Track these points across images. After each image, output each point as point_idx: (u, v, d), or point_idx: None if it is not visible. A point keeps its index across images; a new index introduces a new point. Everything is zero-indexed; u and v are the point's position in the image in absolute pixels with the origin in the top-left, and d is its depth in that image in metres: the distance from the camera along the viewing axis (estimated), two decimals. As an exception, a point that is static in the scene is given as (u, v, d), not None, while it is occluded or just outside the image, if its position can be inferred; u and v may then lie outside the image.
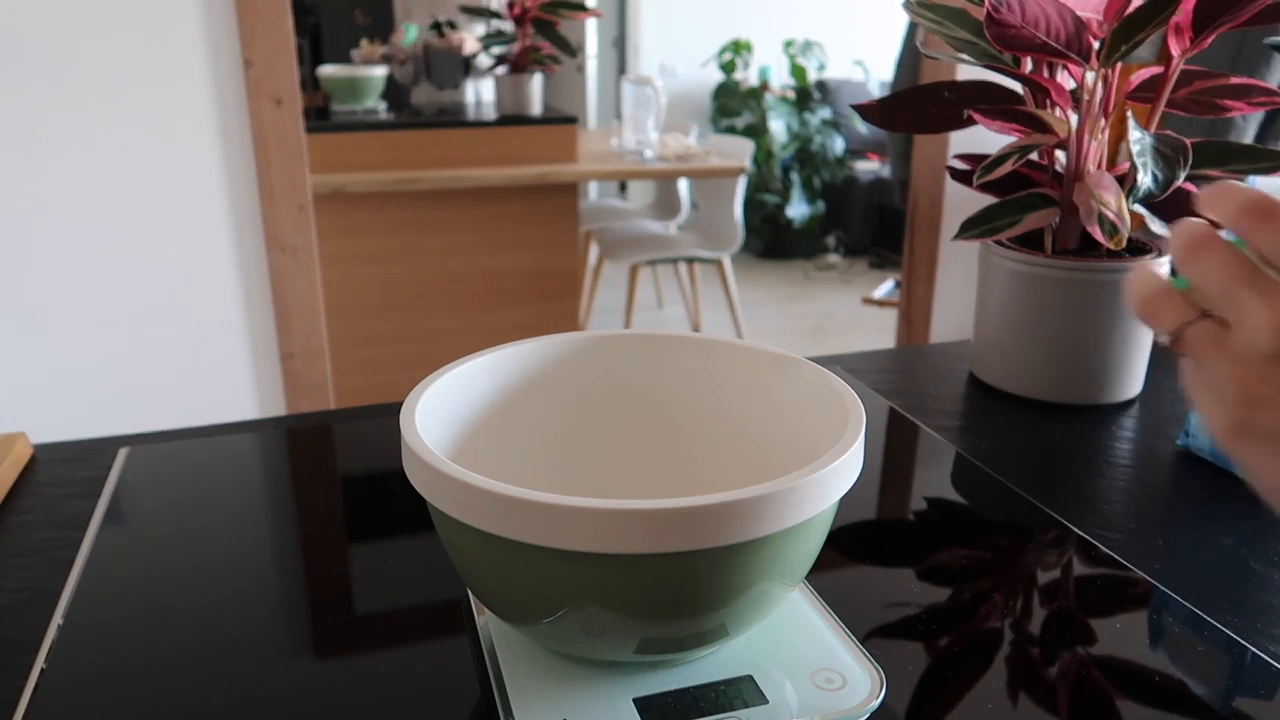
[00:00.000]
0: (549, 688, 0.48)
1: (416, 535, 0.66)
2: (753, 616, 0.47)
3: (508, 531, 0.41)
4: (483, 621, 0.53)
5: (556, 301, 2.71)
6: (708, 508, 0.40)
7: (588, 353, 0.60)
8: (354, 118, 2.69)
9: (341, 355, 2.00)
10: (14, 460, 0.73)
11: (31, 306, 1.53)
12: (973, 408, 0.88)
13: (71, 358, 1.57)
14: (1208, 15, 0.73)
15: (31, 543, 0.64)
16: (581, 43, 4.78)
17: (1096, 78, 0.79)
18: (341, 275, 2.44)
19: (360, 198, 2.45)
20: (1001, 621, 0.57)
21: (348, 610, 0.58)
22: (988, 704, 0.49)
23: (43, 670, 0.51)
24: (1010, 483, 0.73)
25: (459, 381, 0.54)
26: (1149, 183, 0.76)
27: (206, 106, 1.55)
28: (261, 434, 0.82)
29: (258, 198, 1.61)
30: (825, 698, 0.47)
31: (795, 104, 4.98)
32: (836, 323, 4.04)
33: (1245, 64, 1.80)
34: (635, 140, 3.04)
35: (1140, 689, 0.51)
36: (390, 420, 0.51)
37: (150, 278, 1.58)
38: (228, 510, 0.69)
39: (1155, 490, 0.73)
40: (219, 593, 0.59)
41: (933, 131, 0.89)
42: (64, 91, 1.46)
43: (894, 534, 0.68)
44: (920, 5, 0.87)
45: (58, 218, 1.51)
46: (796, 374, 0.56)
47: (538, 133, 2.66)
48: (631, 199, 4.92)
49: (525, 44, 2.66)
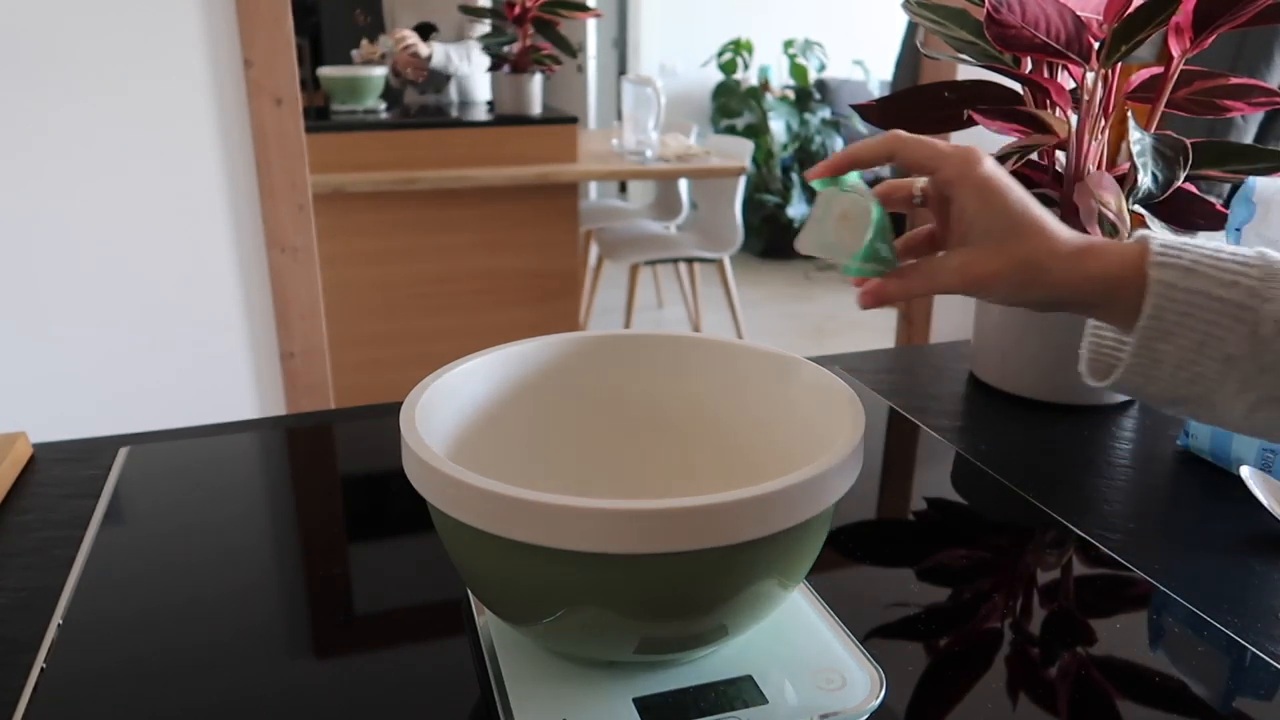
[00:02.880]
0: (549, 688, 0.48)
1: (416, 535, 0.66)
2: (753, 616, 0.47)
3: (508, 531, 0.41)
4: (483, 621, 0.53)
5: (556, 301, 2.70)
6: (708, 508, 0.40)
7: (587, 353, 0.60)
8: (354, 118, 2.69)
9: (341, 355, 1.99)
10: (14, 460, 0.73)
11: (31, 306, 1.53)
12: (973, 408, 0.88)
13: (71, 357, 1.56)
14: (1208, 15, 0.73)
15: (31, 542, 0.64)
16: (581, 43, 4.78)
17: (1096, 78, 0.79)
18: (341, 275, 2.44)
19: (360, 198, 2.45)
20: (1001, 621, 0.57)
21: (348, 610, 0.58)
22: (988, 704, 0.49)
23: (43, 670, 0.51)
24: (1010, 483, 0.73)
25: (459, 381, 0.54)
26: (1149, 183, 0.75)
27: (206, 106, 1.54)
28: (261, 434, 0.82)
29: (258, 197, 1.61)
30: (825, 698, 0.47)
31: (795, 104, 4.98)
32: (836, 323, 4.04)
33: (1245, 64, 1.80)
34: (635, 140, 3.03)
35: (1140, 689, 0.51)
36: (390, 420, 0.51)
37: (150, 277, 1.58)
38: (227, 510, 0.69)
39: (1155, 490, 0.73)
40: (219, 592, 0.59)
41: (933, 132, 0.88)
42: (64, 91, 1.46)
43: (894, 534, 0.68)
44: (920, 5, 0.87)
45: (57, 217, 1.51)
46: (796, 374, 0.56)
47: (538, 133, 2.66)
48: (631, 199, 4.92)
49: (525, 44, 2.66)
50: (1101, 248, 0.49)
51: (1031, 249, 0.49)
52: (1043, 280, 0.49)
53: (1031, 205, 0.50)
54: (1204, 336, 0.47)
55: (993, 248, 0.49)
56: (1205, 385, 0.48)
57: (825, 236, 0.54)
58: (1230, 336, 0.46)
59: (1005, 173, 0.50)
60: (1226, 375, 0.47)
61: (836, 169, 0.52)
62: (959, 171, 0.49)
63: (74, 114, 1.47)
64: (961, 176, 0.49)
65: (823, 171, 0.52)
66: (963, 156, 0.49)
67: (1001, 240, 0.49)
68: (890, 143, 0.50)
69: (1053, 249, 0.49)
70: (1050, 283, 0.49)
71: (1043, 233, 0.49)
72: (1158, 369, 0.48)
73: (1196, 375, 0.48)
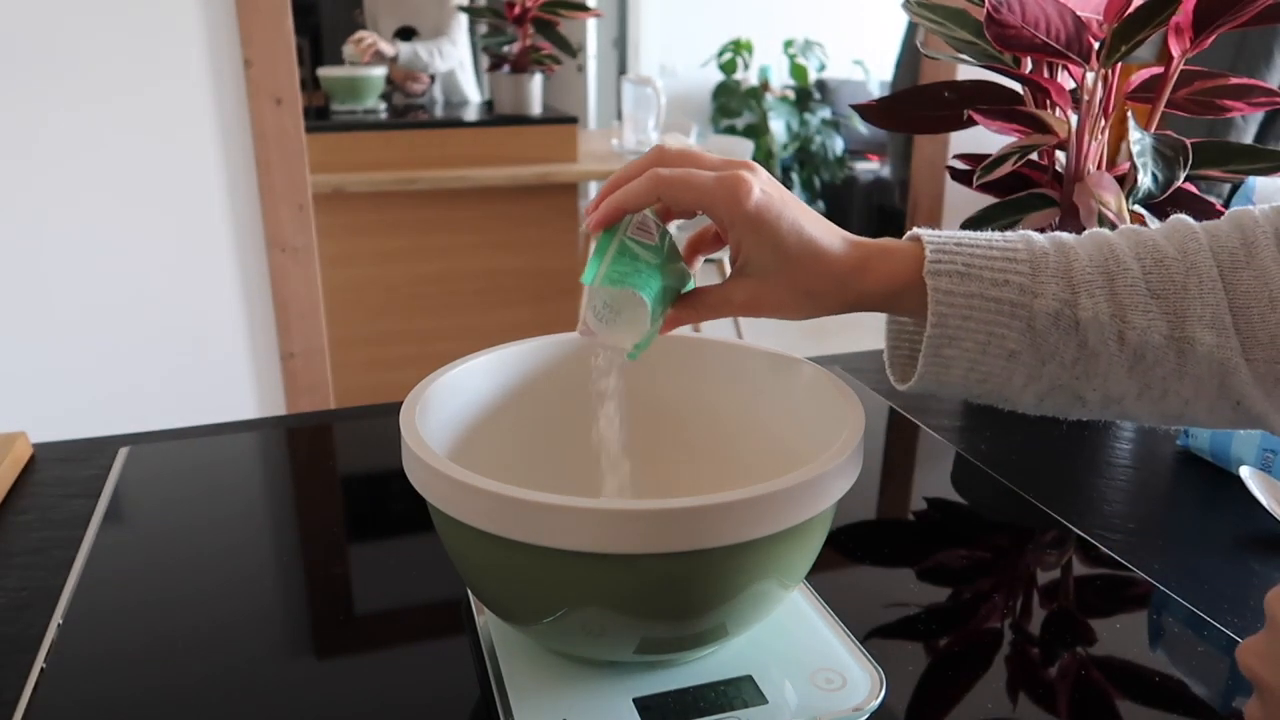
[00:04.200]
0: (549, 688, 0.48)
1: (416, 535, 0.66)
2: (753, 616, 0.47)
3: (508, 531, 0.41)
4: (483, 621, 0.53)
5: (556, 301, 2.70)
6: (707, 508, 0.40)
7: (587, 353, 0.60)
8: (354, 118, 2.68)
9: (341, 355, 1.99)
10: (14, 460, 0.73)
11: (32, 305, 1.53)
12: (973, 408, 0.88)
13: (71, 357, 1.56)
14: (1208, 15, 0.73)
15: (31, 542, 0.64)
16: (581, 43, 4.78)
17: (1096, 78, 0.79)
18: (341, 275, 2.44)
19: (360, 197, 2.44)
20: (1001, 621, 0.57)
21: (348, 610, 0.58)
22: (988, 704, 0.49)
23: (43, 670, 0.51)
24: (1010, 483, 0.73)
25: (459, 381, 0.54)
26: (1149, 183, 0.75)
27: (206, 106, 1.54)
28: (261, 434, 0.82)
29: (258, 197, 1.61)
30: (825, 698, 0.47)
31: (795, 104, 4.98)
32: (836, 323, 4.03)
33: (1245, 64, 1.80)
34: (635, 140, 3.03)
35: (1140, 689, 0.51)
36: (390, 420, 0.51)
37: (150, 277, 1.58)
38: (228, 510, 0.69)
39: (1155, 490, 0.73)
40: (218, 593, 0.59)
41: (933, 131, 0.89)
42: (64, 91, 1.46)
43: (894, 534, 0.68)
44: (920, 5, 0.87)
45: (57, 217, 1.51)
46: (796, 374, 0.56)
47: (538, 133, 2.66)
48: (631, 199, 4.91)
49: (525, 44, 2.65)
50: (879, 259, 0.50)
51: (808, 277, 0.49)
52: (824, 304, 0.50)
53: (805, 228, 0.49)
54: (987, 337, 0.48)
55: (771, 279, 0.50)
56: (995, 382, 0.50)
57: (601, 319, 0.51)
58: (1010, 334, 0.48)
59: (774, 196, 0.49)
60: (1012, 371, 0.49)
61: (609, 220, 0.50)
62: (727, 212, 0.48)
63: (74, 114, 1.47)
64: (730, 216, 0.48)
65: (599, 224, 0.50)
66: (729, 193, 0.48)
67: (778, 272, 0.49)
68: (654, 186, 0.48)
69: (829, 272, 0.49)
70: (832, 305, 0.50)
71: (817, 258, 0.49)
72: (948, 373, 0.50)
73: (985, 374, 0.49)
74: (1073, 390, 0.49)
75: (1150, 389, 0.49)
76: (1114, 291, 0.48)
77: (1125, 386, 0.49)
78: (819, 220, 0.50)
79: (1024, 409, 0.52)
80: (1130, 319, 0.47)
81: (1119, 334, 0.47)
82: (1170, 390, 0.48)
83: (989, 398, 0.51)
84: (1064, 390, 0.50)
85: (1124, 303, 0.47)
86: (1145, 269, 0.48)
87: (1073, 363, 0.48)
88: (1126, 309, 0.47)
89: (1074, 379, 0.49)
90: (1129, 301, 0.47)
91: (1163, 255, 0.48)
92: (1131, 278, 0.48)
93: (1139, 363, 0.48)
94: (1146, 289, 0.48)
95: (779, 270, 0.49)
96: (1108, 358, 0.48)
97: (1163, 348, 0.47)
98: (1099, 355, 0.48)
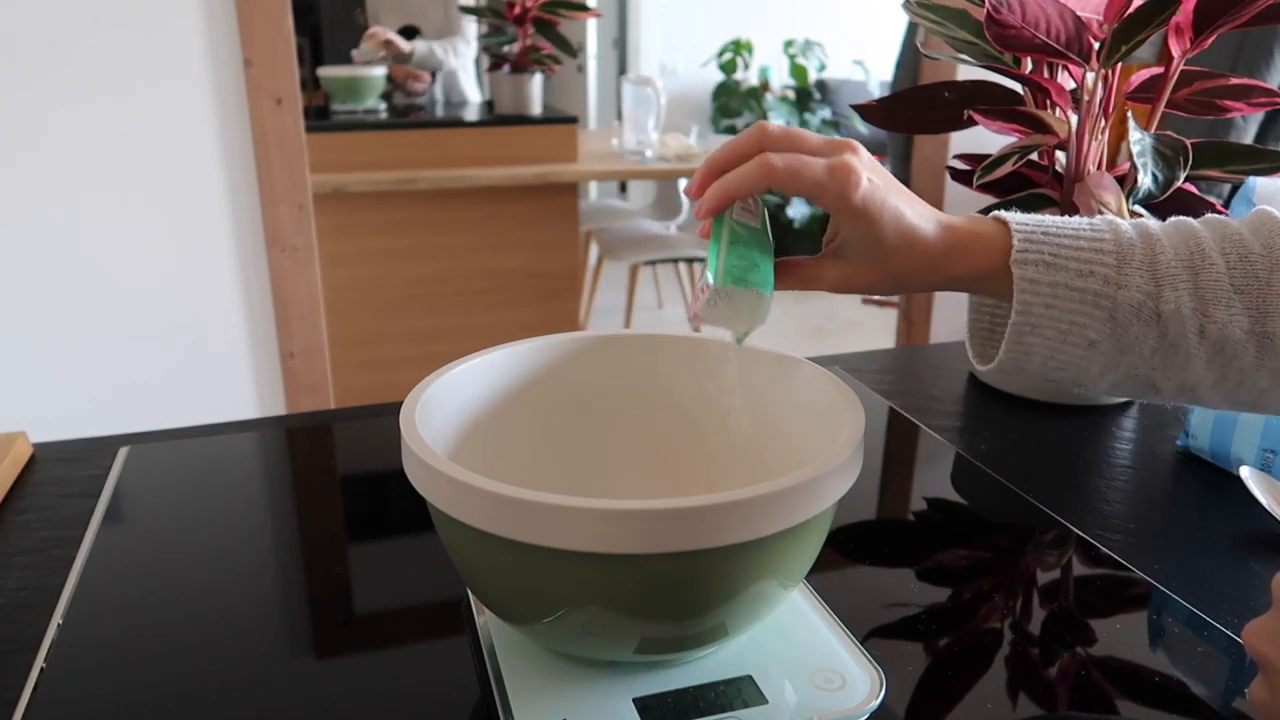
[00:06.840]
0: (549, 688, 0.48)
1: (416, 535, 0.66)
2: (753, 616, 0.47)
3: (508, 531, 0.41)
4: (483, 621, 0.53)
5: (556, 301, 2.70)
6: (708, 508, 0.40)
7: (587, 353, 0.60)
8: (354, 118, 2.68)
9: (341, 355, 1.99)
10: (14, 459, 0.73)
11: (31, 305, 1.53)
12: (973, 408, 0.88)
13: (71, 356, 1.56)
14: (1208, 15, 0.73)
15: (31, 542, 0.64)
16: (581, 43, 4.78)
17: (1096, 78, 0.79)
18: (341, 275, 2.44)
19: (360, 197, 2.45)
20: (1001, 621, 0.57)
21: (348, 610, 0.58)
22: (988, 704, 0.49)
23: (42, 670, 0.51)
24: (1010, 483, 0.73)
25: (459, 381, 0.54)
26: (1149, 183, 0.76)
27: (206, 106, 1.54)
28: (261, 433, 0.82)
29: (258, 197, 1.61)
30: (825, 698, 0.47)
31: (795, 104, 4.98)
32: (836, 323, 4.04)
33: (1245, 64, 1.80)
34: (635, 140, 3.03)
35: (1140, 689, 0.51)
36: (390, 420, 0.51)
37: (150, 277, 1.58)
38: (227, 510, 0.69)
39: (1155, 490, 0.73)
40: (218, 592, 0.59)
41: (933, 131, 0.88)
42: (63, 91, 1.46)
43: (894, 534, 0.68)
44: (920, 5, 0.87)
45: (57, 217, 1.51)
46: (796, 374, 0.56)
47: (538, 133, 2.66)
48: (631, 199, 4.92)
49: (525, 44, 2.66)
50: (969, 244, 0.51)
51: (900, 264, 0.51)
52: (912, 286, 0.52)
53: (904, 217, 0.50)
54: (1069, 325, 0.49)
55: (865, 265, 0.51)
56: (1072, 370, 0.51)
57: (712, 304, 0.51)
58: (1091, 324, 0.49)
59: (879, 185, 0.49)
60: (1090, 359, 0.50)
61: (720, 207, 0.51)
62: (834, 201, 0.49)
63: (74, 114, 1.47)
64: (837, 206, 0.49)
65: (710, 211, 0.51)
66: (839, 185, 0.48)
67: (873, 258, 0.51)
68: (765, 174, 0.49)
69: (921, 259, 0.51)
70: (920, 287, 0.52)
71: (912, 246, 0.50)
72: (1029, 360, 0.51)
73: (1064, 362, 0.50)
74: (1148, 379, 0.50)
75: (1226, 379, 0.49)
76: (1197, 285, 0.48)
77: (1201, 376, 0.49)
78: (915, 203, 0.51)
79: (1097, 394, 0.53)
80: (1212, 313, 0.48)
81: (1200, 327, 0.48)
82: (1246, 381, 0.49)
83: (1064, 382, 0.52)
84: (1139, 379, 0.50)
85: (1206, 297, 0.48)
86: (1230, 264, 0.48)
87: (1151, 353, 0.49)
88: (1209, 303, 0.48)
89: (1151, 369, 0.50)
90: (1212, 296, 0.48)
91: (1248, 250, 0.49)
92: (1216, 272, 0.48)
93: (1218, 355, 0.48)
94: (1230, 284, 0.48)
95: (874, 257, 0.51)
96: (1186, 350, 0.49)
97: (1243, 342, 0.48)
98: (1178, 347, 0.49)
